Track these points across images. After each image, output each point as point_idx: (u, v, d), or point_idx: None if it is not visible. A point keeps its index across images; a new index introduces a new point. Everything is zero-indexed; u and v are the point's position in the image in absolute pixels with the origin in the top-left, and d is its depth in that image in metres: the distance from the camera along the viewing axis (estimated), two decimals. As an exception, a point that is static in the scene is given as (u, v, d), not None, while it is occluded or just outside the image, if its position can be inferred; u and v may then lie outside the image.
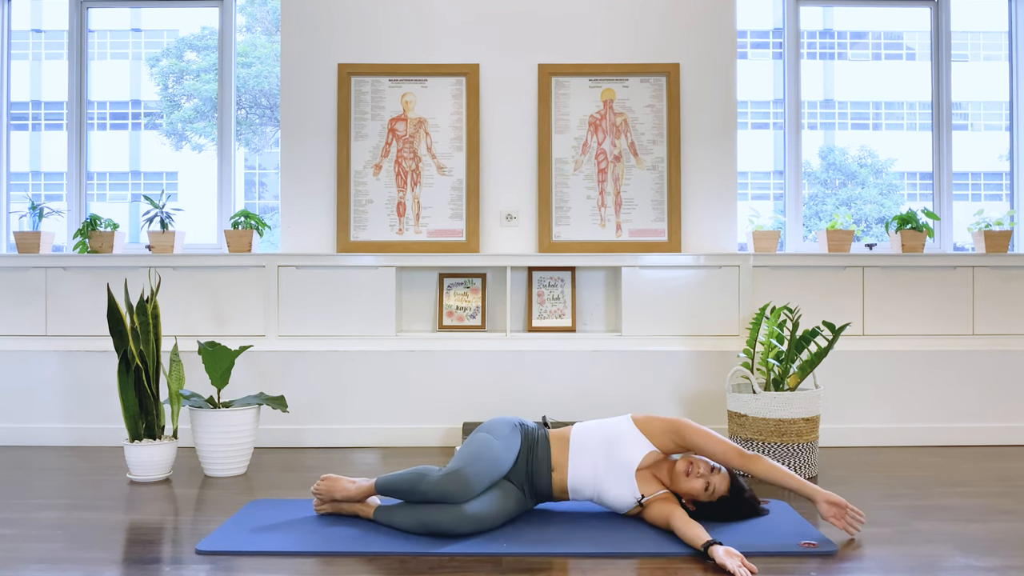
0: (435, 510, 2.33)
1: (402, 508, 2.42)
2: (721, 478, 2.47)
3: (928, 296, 3.87)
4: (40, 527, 2.50)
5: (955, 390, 3.80)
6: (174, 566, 2.16)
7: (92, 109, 4.45)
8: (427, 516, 2.34)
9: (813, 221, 4.87)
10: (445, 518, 2.32)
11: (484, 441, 2.50)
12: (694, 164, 4.02)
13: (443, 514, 2.32)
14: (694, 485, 2.44)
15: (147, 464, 3.07)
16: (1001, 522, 2.55)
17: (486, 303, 3.97)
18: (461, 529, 2.32)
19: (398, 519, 2.40)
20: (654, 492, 2.48)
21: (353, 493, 2.52)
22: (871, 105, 5.47)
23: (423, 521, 2.34)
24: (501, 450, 2.48)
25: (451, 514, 2.32)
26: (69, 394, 3.76)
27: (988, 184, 4.80)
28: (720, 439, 2.48)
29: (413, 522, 2.36)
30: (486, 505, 2.38)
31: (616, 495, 2.50)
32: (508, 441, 2.52)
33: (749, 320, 3.76)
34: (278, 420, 3.70)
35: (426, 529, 2.34)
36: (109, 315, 3.14)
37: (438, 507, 2.33)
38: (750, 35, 4.78)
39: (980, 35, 4.73)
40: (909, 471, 3.27)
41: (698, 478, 2.44)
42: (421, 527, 2.35)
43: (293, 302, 3.81)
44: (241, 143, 5.16)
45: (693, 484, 2.44)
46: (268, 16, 5.45)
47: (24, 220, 4.04)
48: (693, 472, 2.45)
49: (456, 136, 4.01)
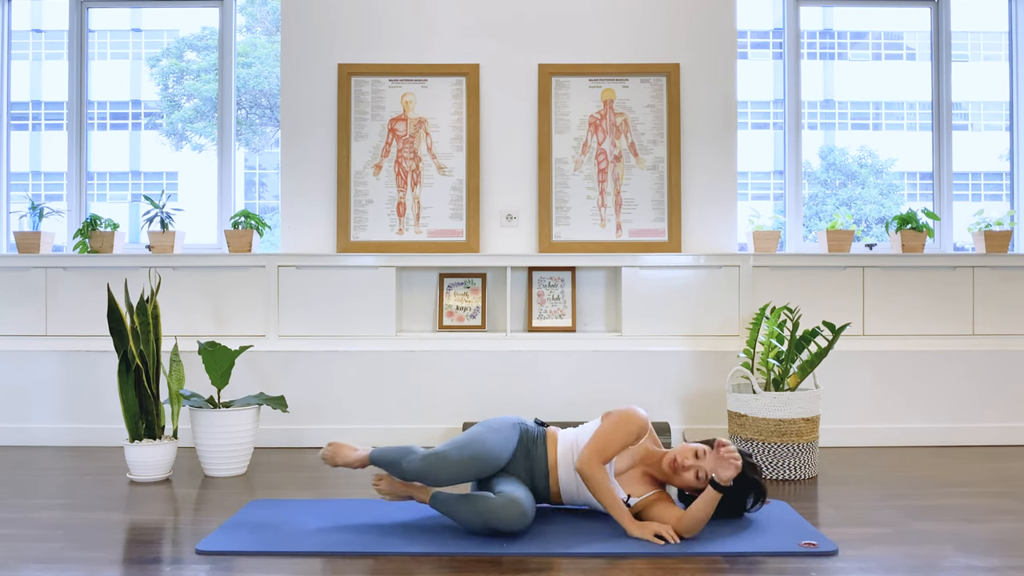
0: (500, 509, 2.27)
1: (463, 502, 2.36)
2: (711, 456, 2.38)
3: (928, 296, 3.87)
4: (40, 527, 2.50)
5: (955, 390, 3.80)
6: (174, 566, 2.16)
7: (92, 109, 4.45)
8: (491, 516, 2.28)
9: (813, 221, 4.87)
10: (508, 516, 2.27)
11: (478, 432, 2.49)
12: (694, 164, 4.02)
13: (507, 511, 2.27)
14: (686, 479, 2.40)
15: (147, 464, 3.07)
16: (1001, 522, 2.55)
17: (486, 303, 3.97)
18: (520, 526, 2.30)
19: (460, 512, 2.35)
20: (644, 493, 2.44)
21: (353, 460, 2.59)
22: (871, 105, 5.47)
23: (486, 520, 2.29)
24: (494, 442, 2.45)
25: (513, 513, 2.28)
26: (69, 394, 3.76)
27: (988, 184, 4.80)
28: (599, 434, 2.39)
29: (474, 519, 2.31)
30: (528, 499, 2.35)
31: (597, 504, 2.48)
32: (504, 435, 2.49)
33: (749, 320, 3.76)
34: (278, 420, 3.70)
35: (486, 524, 2.29)
36: (109, 315, 3.14)
37: (503, 506, 2.28)
38: (750, 35, 4.78)
39: (980, 35, 4.73)
40: (909, 471, 3.27)
41: (686, 471, 2.39)
42: (481, 524, 2.30)
43: (293, 302, 3.81)
44: (241, 143, 5.16)
45: (685, 478, 2.40)
46: (268, 16, 5.44)
47: (24, 220, 4.04)
48: (679, 467, 2.40)
49: (456, 136, 4.01)
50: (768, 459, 3.14)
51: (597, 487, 2.37)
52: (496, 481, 2.44)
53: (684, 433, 3.73)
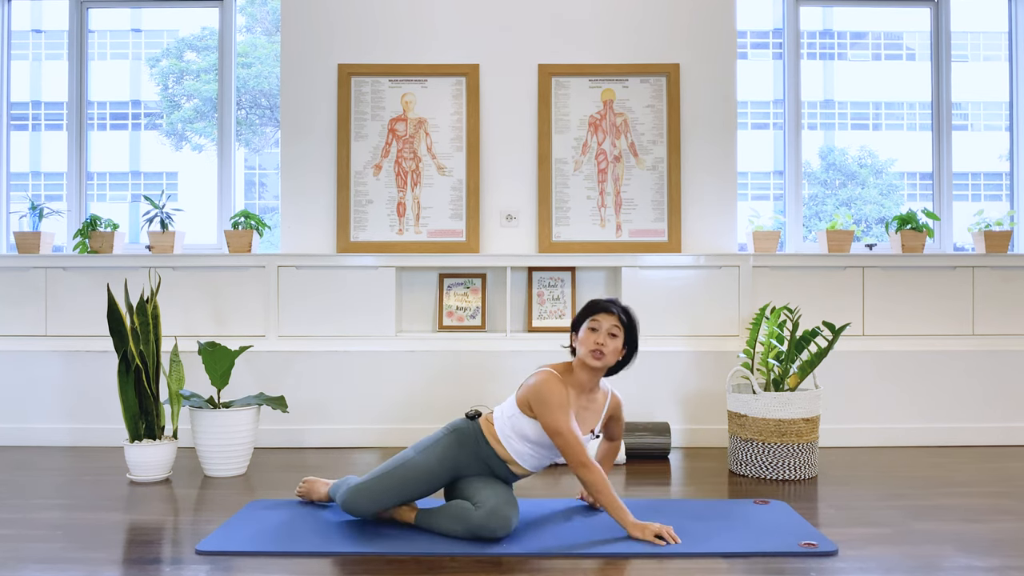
0: (484, 520, 2.28)
1: (444, 516, 2.36)
2: (587, 336, 2.49)
3: (928, 296, 3.87)
4: (40, 527, 2.50)
5: (955, 390, 3.80)
6: (174, 566, 2.16)
7: (92, 109, 4.45)
8: (477, 528, 2.28)
9: (813, 221, 4.87)
10: (494, 525, 2.27)
11: (402, 456, 2.48)
12: (694, 164, 4.02)
13: (491, 522, 2.27)
14: (594, 362, 2.48)
15: (147, 464, 3.07)
16: (1001, 522, 2.55)
17: (486, 303, 3.97)
18: (508, 531, 2.29)
19: (443, 524, 2.35)
20: (597, 419, 2.56)
21: (323, 494, 2.68)
22: (871, 105, 5.46)
23: (466, 527, 2.30)
24: (420, 461, 2.43)
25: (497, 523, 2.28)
26: (69, 394, 3.76)
27: (988, 184, 4.80)
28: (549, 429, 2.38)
29: (461, 532, 2.31)
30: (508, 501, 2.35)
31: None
32: (432, 451, 2.46)
33: (749, 320, 3.76)
34: (278, 420, 3.70)
35: (472, 534, 2.29)
36: (109, 315, 3.14)
37: (486, 517, 2.28)
38: (750, 35, 4.78)
39: (980, 35, 4.73)
40: (909, 471, 3.27)
41: (595, 359, 2.47)
42: (465, 532, 2.30)
43: (293, 302, 3.81)
44: (241, 143, 5.16)
45: (594, 363, 2.49)
46: (268, 16, 5.45)
47: (24, 220, 4.04)
48: (589, 359, 2.49)
49: (456, 136, 4.01)
50: (768, 459, 3.15)
51: (597, 491, 2.37)
52: (465, 487, 2.44)
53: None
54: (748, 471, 3.19)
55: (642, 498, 2.86)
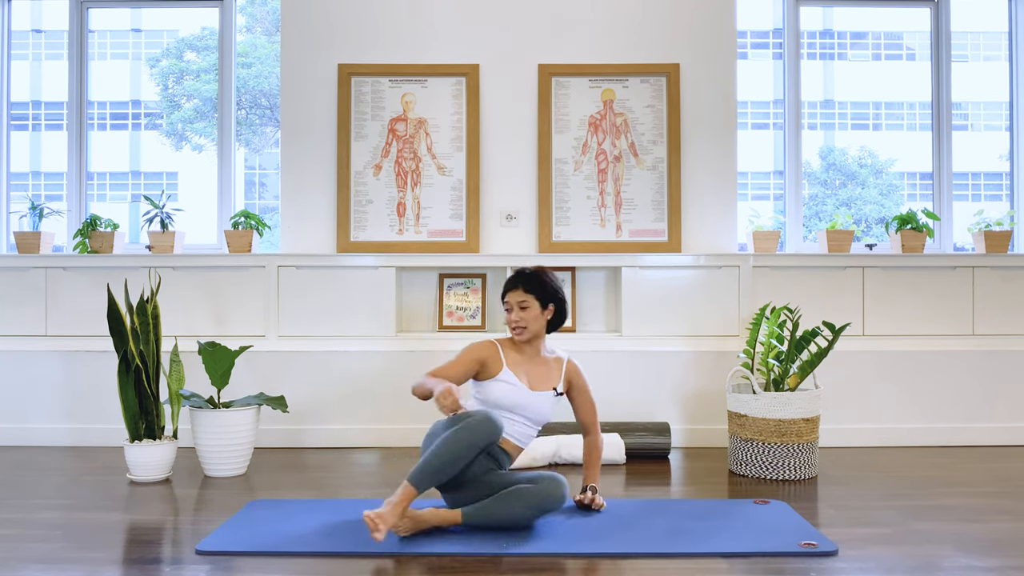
0: (549, 490, 2.36)
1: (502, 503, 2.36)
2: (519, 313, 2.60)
3: (928, 296, 3.87)
4: (40, 527, 2.50)
5: (955, 390, 3.80)
6: (174, 566, 2.16)
7: (92, 109, 4.45)
8: (546, 499, 2.36)
9: (813, 221, 4.87)
10: (559, 492, 2.38)
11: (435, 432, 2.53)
12: (694, 164, 4.02)
13: (556, 489, 2.37)
14: (521, 333, 2.62)
15: (147, 464, 3.07)
16: (1001, 522, 2.55)
17: (486, 303, 3.97)
18: (566, 496, 2.41)
19: (502, 512, 2.35)
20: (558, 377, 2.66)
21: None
22: (871, 105, 5.47)
23: (531, 502, 2.35)
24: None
25: (560, 488, 2.38)
26: (69, 394, 3.76)
27: (988, 184, 4.80)
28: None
29: (526, 510, 2.35)
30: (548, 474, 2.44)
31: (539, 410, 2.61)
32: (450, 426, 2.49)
33: (749, 320, 3.76)
34: (278, 420, 3.70)
35: (541, 508, 2.36)
36: (109, 315, 3.14)
37: (549, 485, 2.36)
38: (750, 35, 4.78)
39: (980, 35, 4.73)
40: (909, 471, 3.27)
41: (518, 331, 2.62)
42: (531, 508, 2.35)
43: (293, 302, 3.81)
44: (241, 143, 5.16)
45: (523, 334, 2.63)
46: (268, 16, 5.45)
47: (24, 220, 4.04)
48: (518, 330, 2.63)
49: (456, 136, 4.01)
50: (768, 459, 3.15)
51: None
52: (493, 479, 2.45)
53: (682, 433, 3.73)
54: (748, 471, 3.19)
55: (642, 498, 2.86)
